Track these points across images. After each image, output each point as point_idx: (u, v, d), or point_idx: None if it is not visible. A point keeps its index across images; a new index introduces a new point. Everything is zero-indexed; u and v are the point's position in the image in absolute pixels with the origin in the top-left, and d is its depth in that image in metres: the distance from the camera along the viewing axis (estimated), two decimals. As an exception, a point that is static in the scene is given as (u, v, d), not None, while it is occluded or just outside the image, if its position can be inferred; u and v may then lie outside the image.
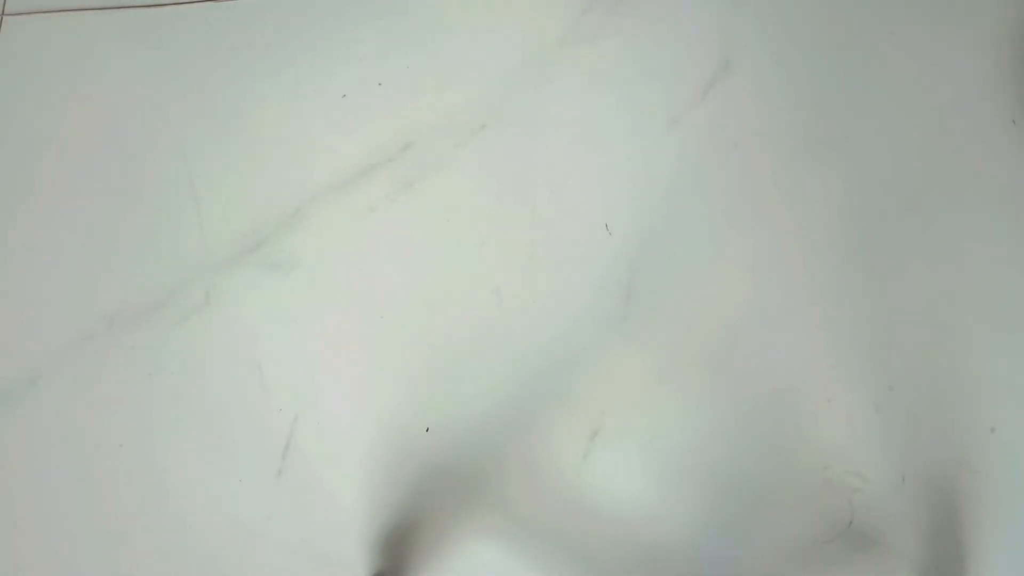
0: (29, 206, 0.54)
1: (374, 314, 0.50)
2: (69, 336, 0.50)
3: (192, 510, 0.47)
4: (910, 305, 0.49)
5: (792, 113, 0.54)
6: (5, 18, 0.58)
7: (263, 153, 0.54)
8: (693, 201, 0.52)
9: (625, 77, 0.55)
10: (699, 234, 0.51)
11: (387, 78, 0.55)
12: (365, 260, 0.51)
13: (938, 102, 0.54)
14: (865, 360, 0.48)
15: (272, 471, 0.47)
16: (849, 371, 0.48)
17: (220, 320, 0.50)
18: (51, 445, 0.48)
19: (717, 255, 0.51)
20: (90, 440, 0.48)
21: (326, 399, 0.49)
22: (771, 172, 0.52)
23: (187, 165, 0.54)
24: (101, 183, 0.54)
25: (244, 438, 0.48)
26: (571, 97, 0.55)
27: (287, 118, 0.55)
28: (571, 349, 0.49)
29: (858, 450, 0.47)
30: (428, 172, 0.53)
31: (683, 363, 0.48)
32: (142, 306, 0.51)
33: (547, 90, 0.55)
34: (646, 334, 0.49)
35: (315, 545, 0.46)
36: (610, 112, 0.54)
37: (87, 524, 0.47)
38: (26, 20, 0.58)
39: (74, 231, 0.53)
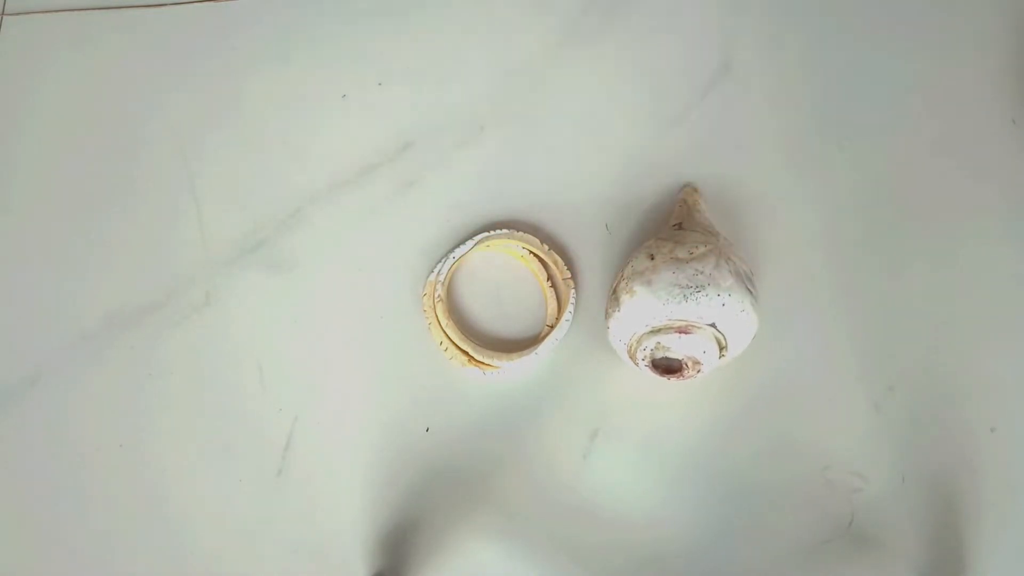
0: (28, 206, 0.54)
1: (374, 314, 0.50)
2: (69, 336, 0.50)
3: (192, 510, 0.47)
4: (910, 305, 0.49)
5: (792, 113, 0.54)
6: (5, 18, 0.58)
7: (263, 153, 0.54)
8: (693, 201, 0.52)
9: (625, 77, 0.55)
10: (699, 234, 0.51)
11: (387, 78, 0.55)
12: (365, 260, 0.51)
13: (938, 102, 0.54)
14: (865, 360, 0.48)
15: (272, 471, 0.47)
16: (849, 371, 0.48)
17: (220, 320, 0.50)
18: (51, 445, 0.48)
19: (717, 255, 0.51)
20: (90, 440, 0.48)
21: (326, 399, 0.49)
22: (771, 172, 0.52)
23: (187, 165, 0.54)
24: (101, 183, 0.54)
25: (244, 438, 0.48)
26: (571, 97, 0.55)
27: (287, 118, 0.55)
28: (571, 349, 0.49)
29: (858, 450, 0.47)
30: (428, 172, 0.53)
31: (683, 363, 0.48)
32: (142, 306, 0.51)
33: (547, 90, 0.55)
34: (646, 334, 0.49)
35: (315, 545, 0.46)
36: (610, 112, 0.54)
37: (87, 524, 0.47)
38: (26, 20, 0.58)
39: (74, 231, 0.53)
